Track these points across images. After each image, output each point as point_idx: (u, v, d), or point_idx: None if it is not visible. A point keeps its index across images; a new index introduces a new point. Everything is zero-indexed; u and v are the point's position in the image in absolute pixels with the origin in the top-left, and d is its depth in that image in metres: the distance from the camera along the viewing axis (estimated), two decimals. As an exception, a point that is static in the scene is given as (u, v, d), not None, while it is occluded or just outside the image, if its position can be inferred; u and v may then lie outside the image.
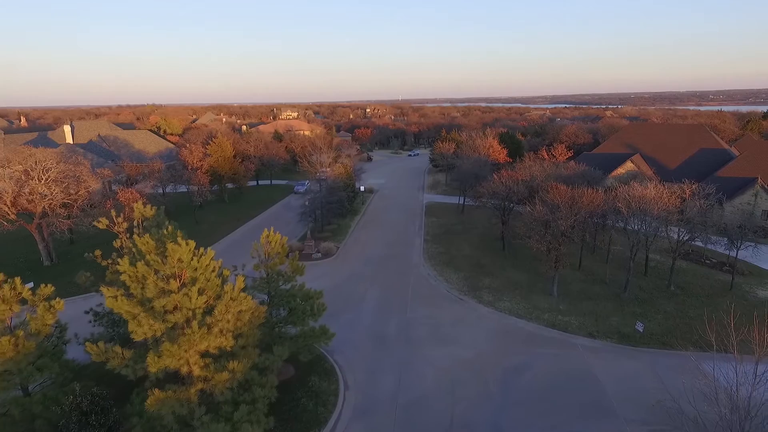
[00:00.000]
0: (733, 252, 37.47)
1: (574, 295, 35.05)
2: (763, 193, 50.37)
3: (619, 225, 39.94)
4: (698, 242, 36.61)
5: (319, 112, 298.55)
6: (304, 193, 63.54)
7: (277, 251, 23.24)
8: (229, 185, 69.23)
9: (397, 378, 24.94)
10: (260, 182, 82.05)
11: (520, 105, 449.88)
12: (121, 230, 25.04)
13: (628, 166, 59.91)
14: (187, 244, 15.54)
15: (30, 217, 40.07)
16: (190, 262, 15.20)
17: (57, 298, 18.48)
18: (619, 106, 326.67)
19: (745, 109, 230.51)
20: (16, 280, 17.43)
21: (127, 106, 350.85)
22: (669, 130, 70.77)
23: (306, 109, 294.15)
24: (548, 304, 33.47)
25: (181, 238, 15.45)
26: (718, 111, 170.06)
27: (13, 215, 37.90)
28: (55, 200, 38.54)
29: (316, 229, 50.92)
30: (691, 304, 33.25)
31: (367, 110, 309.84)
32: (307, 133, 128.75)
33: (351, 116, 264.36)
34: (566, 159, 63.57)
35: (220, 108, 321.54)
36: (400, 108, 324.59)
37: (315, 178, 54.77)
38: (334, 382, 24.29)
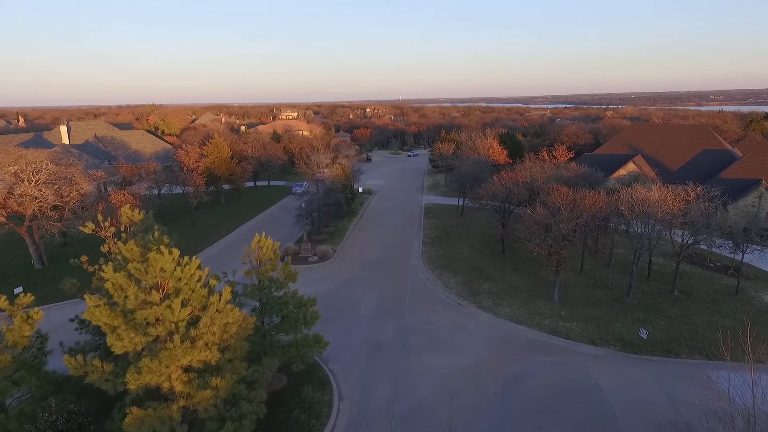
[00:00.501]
0: (738, 255, 36.73)
1: (576, 300, 34.26)
2: (767, 195, 49.59)
3: (622, 228, 39.24)
4: (702, 245, 35.85)
5: (319, 112, 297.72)
6: (302, 194, 62.74)
7: (268, 257, 22.48)
8: (226, 186, 68.44)
9: (394, 387, 24.15)
10: (258, 183, 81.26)
11: (520, 105, 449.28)
12: (108, 235, 24.28)
13: (630, 167, 59.11)
14: (170, 253, 14.76)
15: (21, 220, 39.31)
16: (173, 272, 14.42)
17: (36, 308, 17.67)
18: (620, 106, 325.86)
19: (745, 109, 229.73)
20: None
21: (127, 106, 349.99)
22: (671, 130, 69.98)
23: (306, 110, 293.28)
24: (549, 309, 32.67)
25: (165, 247, 14.66)
26: (720, 111, 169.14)
27: (3, 218, 37.14)
28: (45, 202, 37.76)
29: (313, 231, 50.14)
30: (696, 310, 32.45)
31: (367, 110, 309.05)
32: (306, 133, 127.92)
33: (351, 116, 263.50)
34: (567, 160, 62.75)
35: (220, 108, 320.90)
36: (400, 108, 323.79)
37: (312, 180, 53.96)
38: (328, 392, 23.49)
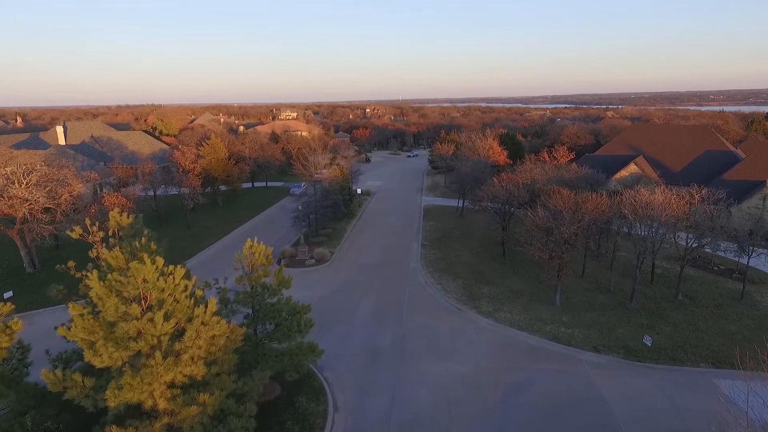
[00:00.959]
0: (743, 259, 36.02)
1: (578, 304, 33.52)
2: (771, 197, 48.83)
3: (625, 230, 38.47)
4: (707, 248, 35.11)
5: (319, 112, 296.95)
6: (300, 195, 62.00)
7: (261, 262, 21.72)
8: (223, 188, 67.66)
9: (391, 397, 23.41)
10: (256, 184, 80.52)
11: (520, 105, 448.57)
12: (96, 240, 23.52)
13: (632, 168, 58.38)
14: (153, 262, 14.01)
15: (12, 222, 38.56)
16: (156, 282, 13.67)
17: (15, 318, 16.90)
18: (620, 106, 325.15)
19: (746, 109, 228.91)
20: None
21: (126, 106, 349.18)
22: (673, 131, 69.26)
23: (305, 110, 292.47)
24: (550, 314, 31.92)
25: (149, 255, 13.91)
26: (721, 111, 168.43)
27: (-7, 220, 36.42)
28: (36, 205, 37.00)
29: (310, 233, 49.39)
30: (701, 315, 31.71)
31: (367, 110, 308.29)
32: (304, 133, 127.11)
33: (350, 116, 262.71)
34: (568, 161, 62.00)
35: (220, 108, 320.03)
36: (400, 108, 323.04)
37: (310, 181, 53.20)
38: (323, 402, 22.75)
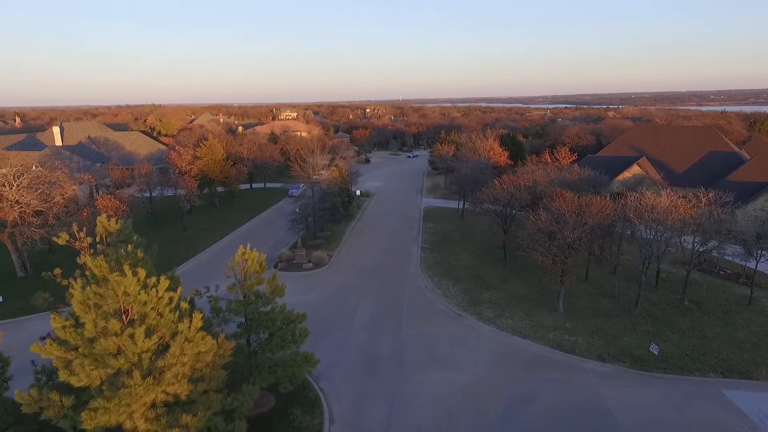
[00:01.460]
0: (750, 263, 35.19)
1: (581, 310, 32.69)
2: (777, 199, 47.98)
3: (628, 233, 37.65)
4: (713, 252, 34.24)
5: (319, 112, 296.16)
6: (298, 197, 61.20)
7: (254, 270, 20.92)
8: (221, 189, 66.86)
9: (389, 408, 22.60)
10: (254, 185, 79.72)
11: (520, 105, 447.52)
12: (84, 246, 22.70)
13: (635, 169, 57.53)
14: (135, 273, 13.20)
15: (3, 226, 37.74)
16: (138, 296, 12.86)
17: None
18: (620, 106, 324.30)
19: (746, 109, 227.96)
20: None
21: (126, 106, 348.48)
22: (676, 131, 68.40)
23: (306, 110, 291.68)
24: (553, 321, 31.09)
25: (128, 268, 13.10)
26: (722, 111, 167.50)
27: (-17, 224, 35.63)
28: (28, 208, 36.20)
29: (308, 236, 48.55)
30: (708, 322, 30.87)
31: (367, 110, 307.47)
32: (304, 134, 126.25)
33: (350, 116, 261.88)
34: (570, 162, 61.17)
35: (220, 108, 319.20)
36: (400, 108, 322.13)
37: (308, 183, 52.37)
38: (318, 414, 21.93)
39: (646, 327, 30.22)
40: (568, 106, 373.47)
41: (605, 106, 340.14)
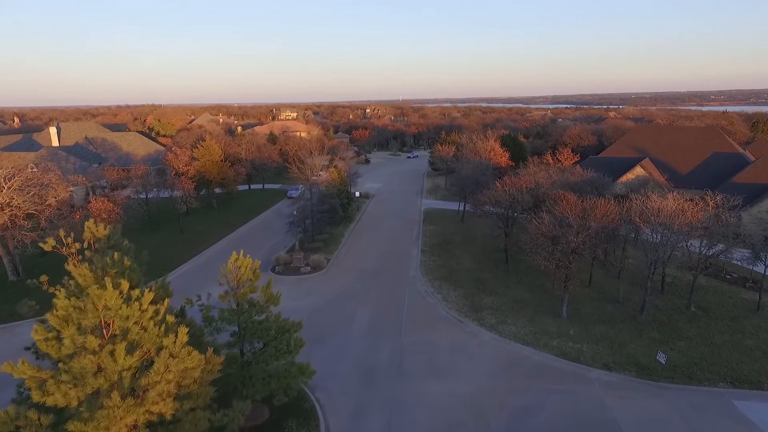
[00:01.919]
0: (758, 267, 34.40)
1: (585, 316, 31.87)
2: (783, 201, 47.18)
3: (632, 236, 36.86)
4: (720, 256, 33.44)
5: (319, 112, 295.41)
6: (297, 198, 60.41)
7: (247, 277, 20.12)
8: (218, 190, 66.04)
9: (387, 420, 21.80)
10: (252, 186, 78.91)
11: (520, 105, 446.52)
12: (72, 252, 21.88)
13: (638, 171, 56.73)
14: (117, 286, 12.41)
15: (-6, 229, 36.97)
16: (119, 310, 12.07)
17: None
18: (620, 107, 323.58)
19: (747, 109, 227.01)
20: None
21: (126, 107, 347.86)
22: (679, 132, 67.58)
23: (306, 110, 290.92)
24: (557, 327, 30.28)
25: (109, 280, 12.30)
26: (724, 112, 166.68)
27: (-26, 227, 34.82)
28: (19, 211, 35.39)
29: (306, 239, 47.73)
30: (716, 328, 30.05)
31: (367, 110, 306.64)
32: (303, 134, 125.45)
33: (350, 117, 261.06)
34: (572, 163, 60.36)
35: (220, 108, 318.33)
36: (400, 108, 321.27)
37: (307, 184, 51.57)
38: (314, 427, 21.13)
39: (652, 334, 29.41)
40: (569, 106, 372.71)
41: (605, 106, 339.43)
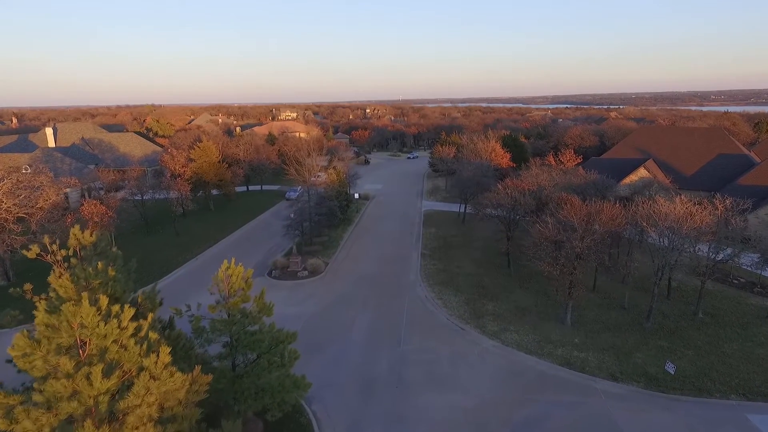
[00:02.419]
0: (766, 271, 33.54)
1: (590, 323, 30.98)
2: (790, 204, 46.27)
3: (637, 239, 35.90)
4: (729, 261, 32.50)
5: (319, 112, 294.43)
6: (296, 199, 59.49)
7: (239, 287, 19.23)
8: (215, 192, 65.15)
9: (386, 435, 20.94)
10: (250, 188, 78.01)
11: (521, 105, 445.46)
12: (57, 260, 20.99)
13: (642, 172, 55.81)
14: (95, 302, 11.52)
15: (-16, 233, 36.09)
16: (96, 328, 11.19)
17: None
18: (621, 107, 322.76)
19: (748, 109, 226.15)
20: None
21: (126, 107, 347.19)
22: (683, 133, 66.65)
23: (305, 110, 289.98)
24: (561, 335, 29.39)
25: (86, 296, 11.41)
26: (726, 112, 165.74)
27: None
28: (8, 215, 34.51)
29: (303, 242, 46.83)
30: (725, 336, 29.15)
31: (367, 110, 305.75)
32: (302, 134, 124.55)
33: (350, 117, 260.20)
34: (575, 165, 59.46)
35: (219, 108, 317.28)
36: (400, 108, 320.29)
37: (305, 186, 50.66)
38: (310, 442, 20.28)
39: (659, 342, 28.51)
40: (569, 106, 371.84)
41: (606, 107, 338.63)
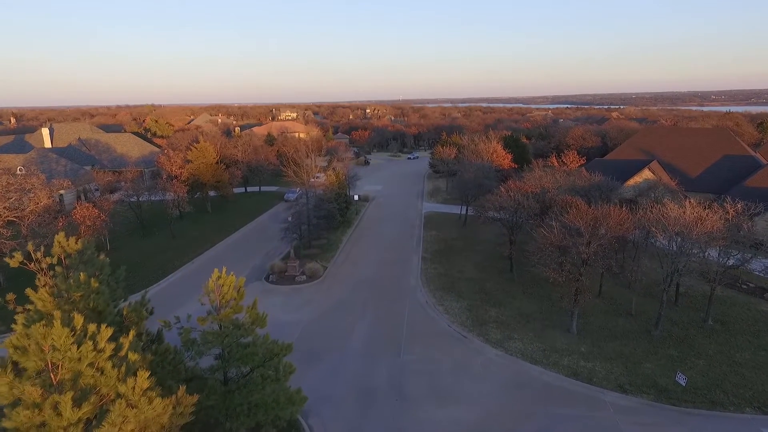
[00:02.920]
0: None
1: (597, 331, 30.02)
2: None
3: (645, 242, 34.89)
4: (740, 266, 31.51)
5: (319, 112, 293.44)
6: (294, 201, 58.54)
7: (231, 297, 18.31)
8: (213, 193, 64.18)
9: (386, 451, 19.99)
10: (249, 189, 77.02)
11: (521, 105, 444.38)
12: (41, 268, 20.03)
13: (646, 174, 54.83)
14: (68, 322, 10.57)
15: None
16: (68, 352, 10.24)
17: None
18: (621, 107, 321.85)
19: (749, 109, 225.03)
20: None
21: (126, 107, 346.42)
22: (687, 134, 65.70)
23: (305, 110, 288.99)
24: (567, 343, 28.43)
25: (59, 315, 10.46)
26: (728, 112, 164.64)
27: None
28: (-2, 218, 33.62)
29: (302, 245, 45.86)
30: (737, 345, 28.19)
31: (367, 111, 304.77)
32: (302, 135, 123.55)
33: (350, 117, 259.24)
34: (578, 166, 58.48)
35: (219, 108, 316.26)
36: (401, 108, 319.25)
37: (303, 188, 49.70)
38: (306, 461, 19.32)
39: (668, 351, 27.56)
40: (569, 107, 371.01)
41: (606, 107, 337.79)
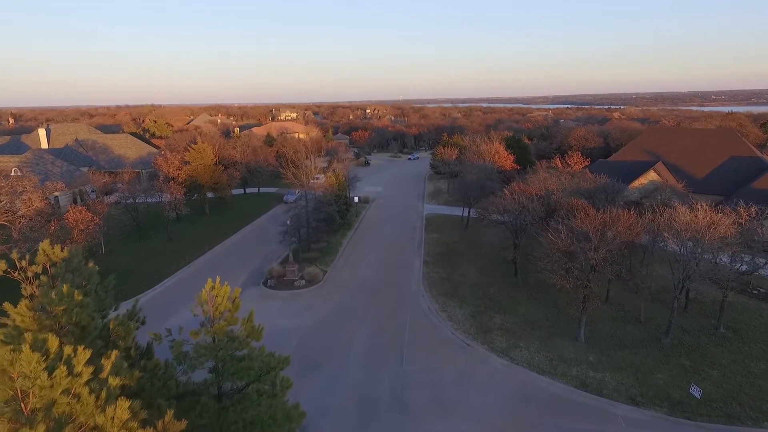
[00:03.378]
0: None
1: (605, 339, 29.06)
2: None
3: (652, 247, 33.93)
4: (744, 266, 30.46)
5: (319, 112, 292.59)
6: (293, 204, 57.59)
7: (225, 308, 17.33)
8: (211, 195, 63.23)
9: (388, 469, 19.04)
10: (247, 191, 76.08)
11: (521, 105, 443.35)
12: (26, 277, 19.10)
13: (651, 175, 53.90)
14: (39, 346, 9.62)
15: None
16: (38, 380, 9.28)
17: None
18: (622, 107, 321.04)
19: (750, 109, 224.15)
20: None
21: (126, 107, 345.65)
22: (692, 135, 64.74)
23: (305, 110, 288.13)
24: (575, 352, 27.49)
25: (30, 337, 9.50)
26: (730, 112, 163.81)
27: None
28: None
29: (301, 249, 44.90)
30: (751, 354, 27.24)
31: (367, 111, 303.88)
32: (302, 135, 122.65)
33: (351, 117, 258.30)
34: (583, 167, 57.54)
35: (219, 108, 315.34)
36: (401, 108, 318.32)
37: (303, 190, 48.76)
38: (304, 480, 18.35)
39: (680, 360, 26.61)
40: (570, 107, 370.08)
41: (607, 107, 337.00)
